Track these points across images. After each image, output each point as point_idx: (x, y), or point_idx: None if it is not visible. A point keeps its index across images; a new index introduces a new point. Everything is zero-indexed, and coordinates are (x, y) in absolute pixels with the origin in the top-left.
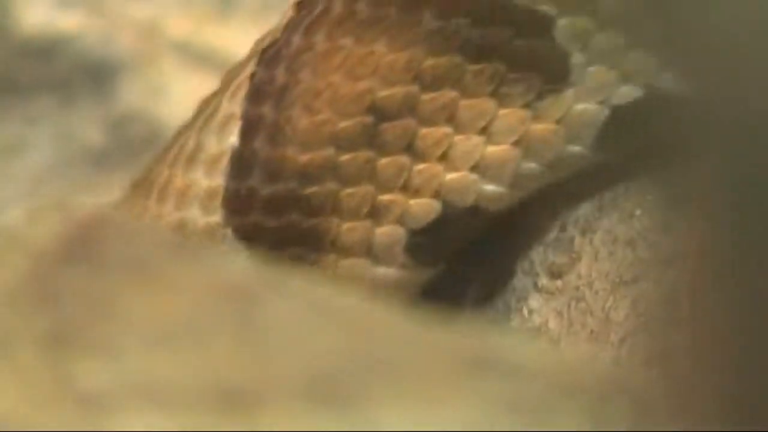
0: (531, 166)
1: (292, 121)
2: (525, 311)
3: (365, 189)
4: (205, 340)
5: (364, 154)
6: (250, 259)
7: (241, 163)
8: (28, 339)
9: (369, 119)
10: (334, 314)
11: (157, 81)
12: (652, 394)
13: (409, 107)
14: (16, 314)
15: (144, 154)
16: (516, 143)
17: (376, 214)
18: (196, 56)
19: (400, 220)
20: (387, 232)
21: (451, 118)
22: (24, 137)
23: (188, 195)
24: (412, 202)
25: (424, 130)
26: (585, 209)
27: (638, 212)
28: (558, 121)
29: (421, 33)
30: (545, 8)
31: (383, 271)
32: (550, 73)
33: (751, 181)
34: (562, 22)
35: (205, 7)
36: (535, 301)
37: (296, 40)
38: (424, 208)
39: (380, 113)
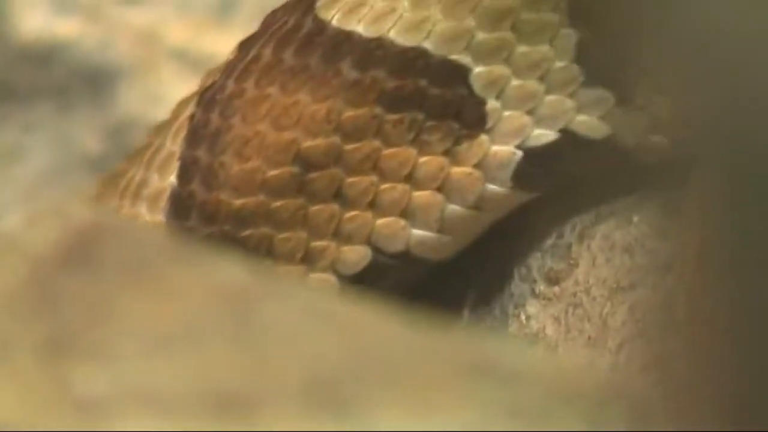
0: (456, 209)
1: (225, 166)
2: (523, 317)
3: (299, 235)
4: (203, 343)
5: (295, 202)
6: (247, 263)
7: (179, 203)
8: (26, 343)
9: (296, 168)
10: (331, 318)
11: (155, 87)
12: (650, 399)
13: (333, 157)
14: (14, 319)
15: None
16: (438, 188)
17: (309, 259)
18: (194, 63)
19: (332, 267)
20: (320, 279)
21: (375, 167)
22: (22, 143)
23: None
24: (343, 248)
25: (350, 179)
26: (582, 216)
27: (635, 219)
28: (475, 165)
29: (340, 84)
30: (460, 57)
31: None
32: (466, 120)
33: (750, 182)
34: (478, 70)
35: (203, 13)
36: (532, 307)
37: (230, 84)
38: (355, 254)
39: (306, 163)
